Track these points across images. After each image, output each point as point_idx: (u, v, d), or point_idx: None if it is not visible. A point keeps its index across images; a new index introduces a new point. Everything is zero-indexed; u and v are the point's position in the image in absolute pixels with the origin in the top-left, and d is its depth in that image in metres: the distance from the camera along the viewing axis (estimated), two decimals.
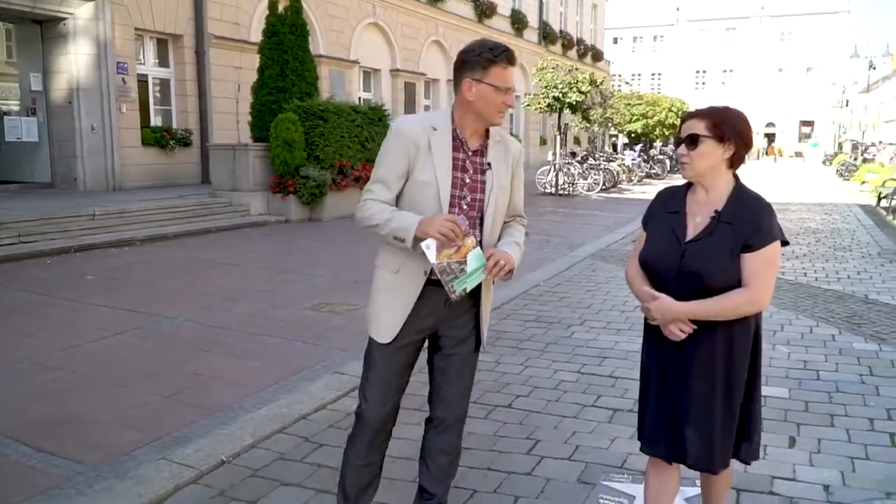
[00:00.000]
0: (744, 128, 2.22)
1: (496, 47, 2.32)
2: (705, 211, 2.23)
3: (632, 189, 21.65)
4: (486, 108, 2.33)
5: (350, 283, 7.34)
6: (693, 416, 2.25)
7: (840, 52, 55.19)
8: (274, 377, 4.55)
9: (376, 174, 2.42)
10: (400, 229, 2.29)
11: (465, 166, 2.40)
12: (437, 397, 2.60)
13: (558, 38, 34.37)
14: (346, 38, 19.98)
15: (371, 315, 2.52)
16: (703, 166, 2.20)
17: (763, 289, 2.15)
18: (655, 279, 2.30)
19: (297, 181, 12.16)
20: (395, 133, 2.39)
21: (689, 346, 2.23)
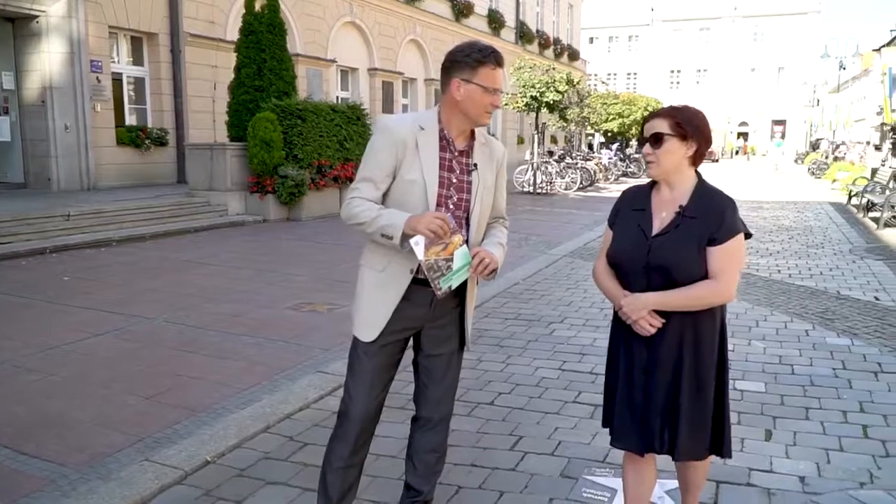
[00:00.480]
0: (704, 126, 2.30)
1: (485, 49, 2.36)
2: (670, 207, 2.30)
3: (609, 188, 21.84)
4: (473, 109, 2.36)
5: (330, 283, 7.34)
6: (661, 407, 2.31)
7: (811, 52, 56.05)
8: (257, 377, 4.55)
9: (363, 172, 2.42)
10: (388, 226, 2.30)
11: (451, 166, 2.43)
12: (423, 397, 2.62)
13: (535, 37, 34.53)
14: (324, 37, 19.91)
15: (355, 313, 2.53)
16: (669, 164, 2.28)
17: (729, 280, 2.21)
18: (624, 275, 2.35)
19: (276, 181, 12.11)
20: (384, 131, 2.41)
21: (656, 340, 2.28)
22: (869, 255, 9.14)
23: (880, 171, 15.11)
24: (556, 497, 3.04)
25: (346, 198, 2.44)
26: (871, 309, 6.31)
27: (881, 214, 12.03)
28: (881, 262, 8.64)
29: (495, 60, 2.35)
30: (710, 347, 2.31)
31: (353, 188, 2.45)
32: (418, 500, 2.65)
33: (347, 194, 2.45)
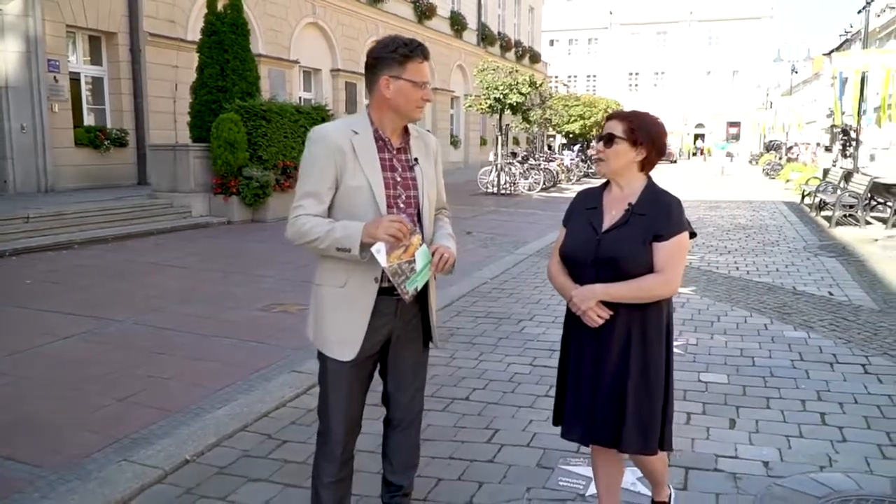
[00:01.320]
0: (658, 135, 2.39)
1: (410, 42, 2.32)
2: (620, 205, 2.39)
3: (571, 188, 22.13)
4: (405, 105, 2.32)
5: (298, 284, 7.33)
6: (608, 399, 2.36)
7: (764, 56, 57.58)
8: (231, 377, 4.55)
9: (304, 187, 2.33)
10: (344, 238, 2.23)
11: (393, 165, 2.39)
12: (393, 399, 2.60)
13: (497, 39, 34.80)
14: (286, 37, 19.80)
15: (322, 336, 2.43)
16: (616, 165, 2.38)
17: (674, 273, 2.30)
18: (574, 269, 2.43)
19: (240, 182, 12.04)
20: (317, 142, 2.32)
21: (605, 333, 2.35)
22: (822, 253, 9.48)
23: (832, 172, 15.63)
24: (533, 486, 3.14)
25: (290, 217, 2.34)
26: (825, 304, 6.57)
27: (833, 213, 12.46)
28: (834, 259, 8.97)
29: (422, 54, 2.33)
30: (658, 340, 2.37)
31: (295, 206, 2.34)
32: (398, 495, 2.69)
33: (290, 213, 2.34)
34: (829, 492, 3.05)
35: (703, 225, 12.48)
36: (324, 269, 2.42)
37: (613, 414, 2.36)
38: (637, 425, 2.36)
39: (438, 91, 28.31)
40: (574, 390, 2.45)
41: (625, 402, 2.34)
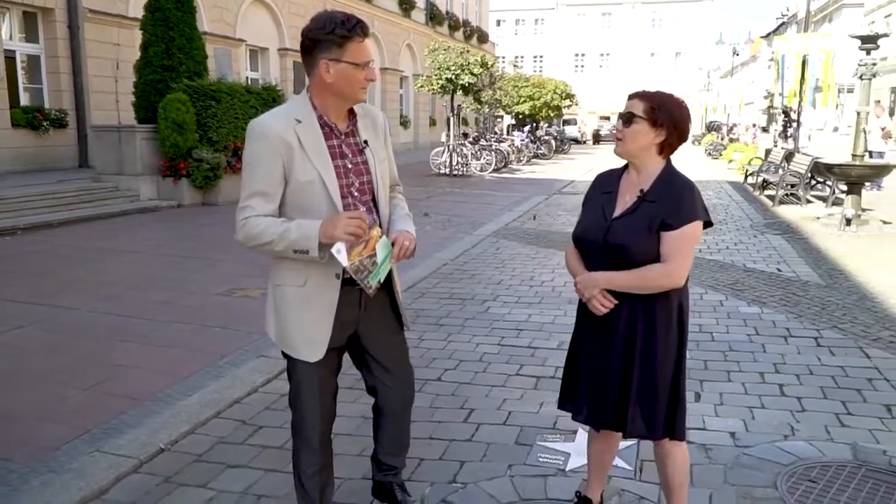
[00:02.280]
0: (681, 118, 2.29)
1: (347, 21, 2.15)
2: (634, 191, 2.33)
3: (522, 169, 22.30)
4: (348, 88, 2.20)
5: (258, 267, 7.21)
6: (615, 386, 2.35)
7: (705, 38, 58.88)
8: (199, 363, 4.48)
9: (251, 187, 2.20)
10: (301, 240, 2.13)
11: (342, 152, 2.28)
12: (383, 389, 2.54)
13: (445, 19, 34.62)
14: (232, 15, 19.28)
15: (286, 337, 2.35)
16: (633, 146, 2.29)
17: (679, 264, 2.23)
18: (583, 255, 2.42)
19: (190, 164, 11.74)
20: (259, 137, 2.18)
21: (612, 321, 2.33)
22: (768, 231, 9.82)
23: (773, 152, 16.13)
24: (514, 463, 3.20)
25: (238, 219, 2.20)
26: (775, 280, 6.82)
27: (776, 192, 12.89)
28: (779, 237, 9.31)
29: (361, 31, 2.17)
30: (665, 330, 2.31)
31: (243, 207, 2.20)
32: (391, 473, 2.71)
33: (238, 214, 2.21)
34: (794, 459, 3.20)
35: None
36: (281, 268, 2.30)
37: (619, 401, 2.35)
38: (642, 411, 2.34)
39: (387, 71, 28.06)
40: (584, 375, 2.45)
41: (629, 390, 2.33)
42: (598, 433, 2.60)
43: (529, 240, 9.22)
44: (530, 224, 10.71)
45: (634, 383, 2.33)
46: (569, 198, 14.52)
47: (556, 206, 12.97)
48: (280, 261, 2.29)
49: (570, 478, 3.08)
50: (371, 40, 2.26)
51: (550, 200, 13.98)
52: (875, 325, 5.29)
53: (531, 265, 7.60)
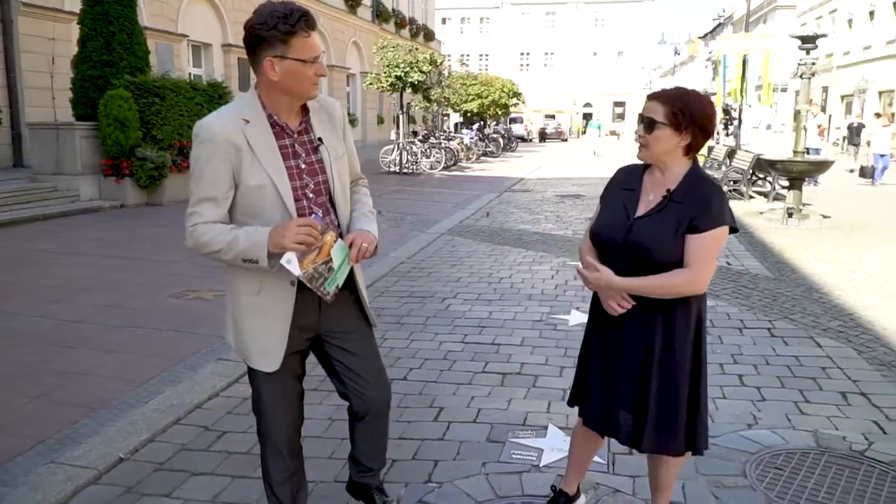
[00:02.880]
0: (705, 117, 2.17)
1: (290, 15, 2.00)
2: (659, 190, 2.23)
3: (471, 167, 22.36)
4: (297, 86, 2.07)
5: (209, 269, 7.02)
6: (629, 394, 2.26)
7: (647, 37, 60.16)
8: (155, 369, 4.33)
9: (198, 192, 2.09)
10: (249, 250, 2.04)
11: (295, 151, 2.16)
12: (356, 394, 2.40)
13: (391, 16, 34.41)
14: (173, 9, 18.74)
15: (242, 345, 2.26)
16: (658, 151, 2.20)
17: (703, 270, 2.14)
18: (602, 252, 2.30)
19: (133, 163, 11.35)
20: (205, 141, 2.07)
21: (628, 324, 2.23)
22: None
23: (716, 149, 16.58)
24: (488, 461, 3.18)
25: (187, 225, 2.10)
26: (725, 273, 6.99)
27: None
28: None
29: (306, 25, 2.02)
30: (683, 338, 2.22)
31: (191, 213, 2.10)
32: (368, 475, 2.64)
33: (186, 221, 2.11)
34: (760, 447, 3.27)
35: None
36: (236, 275, 2.21)
37: (634, 413, 2.26)
38: (657, 426, 2.24)
39: (334, 68, 27.71)
40: (597, 380, 2.36)
41: (646, 403, 2.23)
42: (587, 431, 2.49)
43: (484, 237, 9.24)
44: (484, 221, 10.73)
45: (652, 395, 2.22)
46: (520, 195, 14.63)
47: (508, 204, 13.04)
48: (234, 267, 2.17)
49: (544, 473, 3.07)
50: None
51: (502, 198, 14.05)
52: (824, 316, 5.48)
53: (488, 262, 7.61)
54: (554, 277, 6.87)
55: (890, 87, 32.08)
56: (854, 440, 3.36)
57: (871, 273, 7.01)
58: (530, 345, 4.86)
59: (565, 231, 9.79)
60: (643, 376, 2.24)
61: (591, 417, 2.41)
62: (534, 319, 5.46)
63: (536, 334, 5.09)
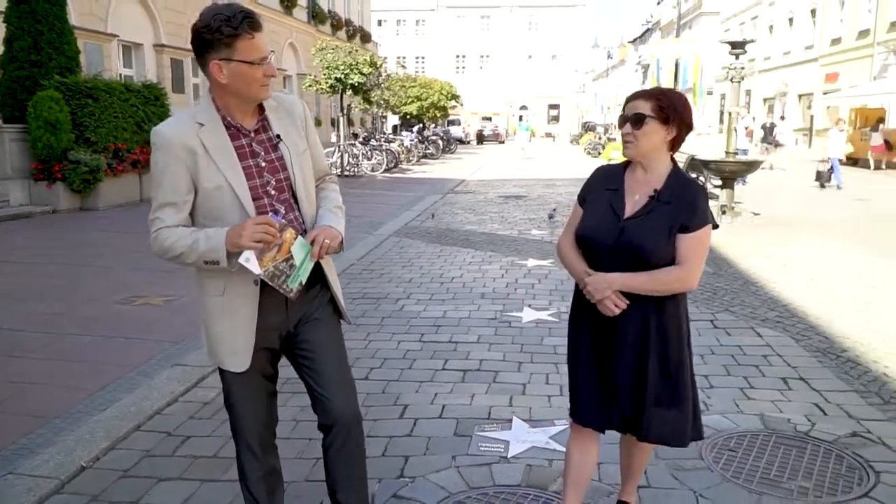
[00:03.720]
0: (687, 112, 2.25)
1: (233, 17, 2.00)
2: (644, 190, 2.26)
3: (412, 169, 22.42)
4: (246, 87, 2.08)
5: (154, 274, 6.88)
6: (628, 387, 2.29)
7: (580, 41, 61.46)
8: (108, 376, 4.23)
9: (158, 198, 2.12)
10: (209, 251, 2.05)
11: (253, 151, 2.16)
12: (319, 397, 2.30)
13: (328, 17, 34.12)
14: (103, 8, 18.12)
15: (210, 346, 2.27)
16: (647, 146, 2.22)
17: (695, 267, 2.21)
18: (591, 254, 2.31)
19: (66, 167, 10.98)
20: (161, 147, 2.09)
21: (622, 321, 2.26)
22: None
23: None
24: (457, 454, 3.25)
25: (151, 230, 2.12)
26: None
27: None
28: None
29: (250, 27, 2.02)
30: (676, 330, 2.29)
31: (153, 219, 2.12)
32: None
33: (150, 226, 2.13)
34: (713, 432, 3.44)
35: (546, 202, 13.22)
36: (202, 278, 2.23)
37: (633, 403, 2.30)
38: (660, 414, 2.28)
39: None
40: (591, 377, 2.36)
41: (644, 391, 2.27)
42: (579, 436, 2.48)
43: (431, 238, 9.32)
44: (430, 223, 10.81)
45: (651, 387, 2.26)
46: (463, 197, 14.78)
47: (453, 205, 13.16)
48: (201, 270, 2.19)
49: (513, 464, 3.16)
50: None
51: (446, 199, 14.16)
52: (762, 307, 5.77)
53: (438, 262, 7.69)
54: (504, 276, 7.00)
55: (809, 90, 33.73)
56: (798, 422, 3.58)
57: (802, 266, 7.41)
58: (487, 342, 4.95)
59: (511, 231, 9.96)
60: (641, 370, 2.27)
61: (587, 415, 2.39)
62: (488, 318, 5.56)
63: (492, 332, 5.19)
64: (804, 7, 34.57)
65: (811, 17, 34.03)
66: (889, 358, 4.51)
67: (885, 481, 2.97)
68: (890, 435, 3.40)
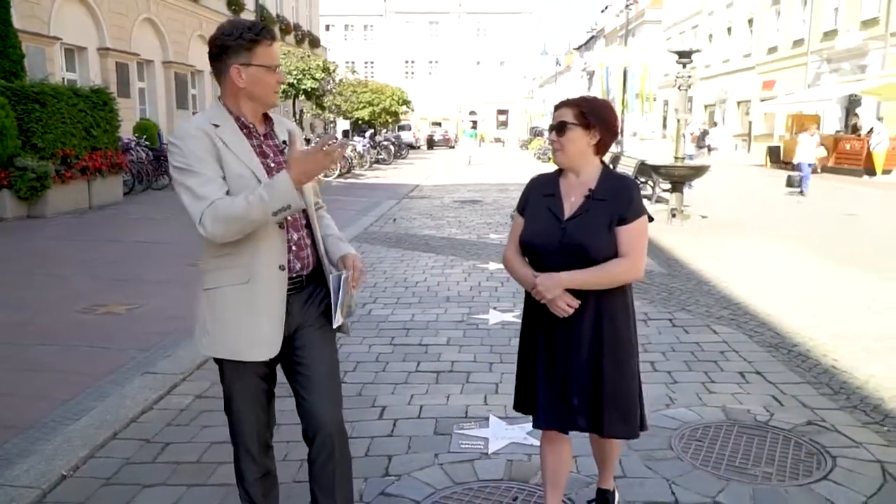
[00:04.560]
0: (609, 117, 2.38)
1: (254, 26, 2.19)
2: (579, 192, 2.37)
3: (366, 174, 22.40)
4: (261, 91, 2.22)
5: (114, 283, 6.77)
6: (584, 386, 2.35)
7: (527, 48, 62.35)
8: (78, 385, 4.18)
9: (196, 182, 2.11)
10: (278, 198, 2.04)
11: (263, 151, 2.27)
12: (304, 401, 2.33)
13: (276, 22, 33.80)
14: (45, 10, 17.62)
15: (228, 342, 2.24)
16: (573, 151, 2.35)
17: (639, 257, 2.33)
18: (537, 258, 2.39)
19: (12, 173, 10.63)
20: (188, 139, 2.16)
21: (575, 320, 2.32)
22: None
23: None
24: (439, 452, 3.35)
25: (198, 212, 2.09)
26: None
27: None
28: None
29: (269, 35, 2.21)
30: (626, 324, 2.39)
31: (200, 198, 2.09)
32: None
33: (195, 211, 2.09)
34: (680, 424, 3.63)
35: (501, 206, 13.43)
36: (217, 270, 2.23)
37: (592, 400, 2.37)
38: (618, 411, 2.37)
39: None
40: (548, 380, 2.42)
41: (602, 387, 2.35)
42: (550, 439, 2.56)
43: (392, 243, 9.38)
44: (389, 227, 10.88)
45: (607, 382, 2.35)
46: (419, 201, 14.87)
47: (410, 210, 13.24)
48: (216, 261, 2.22)
49: (493, 460, 3.28)
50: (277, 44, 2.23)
51: (402, 204, 14.23)
52: (715, 306, 6.03)
53: (402, 267, 7.77)
54: (467, 280, 7.13)
55: (747, 97, 34.99)
56: (757, 412, 3.80)
57: (750, 266, 7.75)
58: (457, 344, 5.06)
59: (470, 235, 10.10)
60: (596, 365, 2.35)
61: (546, 417, 2.44)
62: (455, 320, 5.67)
63: (460, 334, 5.30)
64: (742, 17, 35.85)
65: (748, 27, 35.32)
66: (836, 351, 4.79)
67: (841, 465, 3.19)
68: (842, 423, 3.65)
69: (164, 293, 6.21)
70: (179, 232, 9.76)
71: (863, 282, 7.00)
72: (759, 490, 2.99)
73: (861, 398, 4.00)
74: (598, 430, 2.40)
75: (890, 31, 23.54)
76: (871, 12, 24.67)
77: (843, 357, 4.69)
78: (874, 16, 24.45)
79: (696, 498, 2.95)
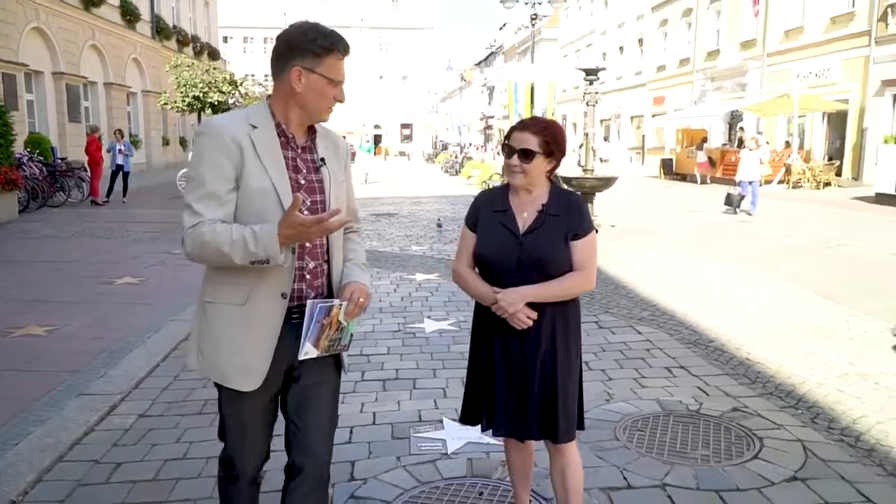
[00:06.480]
0: (564, 144, 2.50)
1: (332, 34, 2.06)
2: (531, 207, 2.47)
3: None
4: (315, 102, 2.07)
5: (28, 303, 6.44)
6: (538, 396, 2.43)
7: (430, 63, 63.10)
8: (10, 410, 3.99)
9: (200, 190, 1.98)
10: (259, 251, 1.91)
11: (297, 165, 2.10)
12: (297, 438, 2.19)
13: (173, 33, 32.82)
14: None
15: (216, 363, 2.10)
16: (535, 175, 2.44)
17: (592, 269, 2.45)
18: (494, 273, 2.45)
19: None
20: (210, 135, 2.02)
21: (532, 332, 2.40)
22: None
23: None
24: (401, 455, 3.45)
25: (187, 225, 1.97)
26: None
27: None
28: None
29: (343, 48, 2.07)
30: (576, 332, 2.52)
31: (192, 213, 1.97)
32: None
33: (186, 221, 1.98)
34: (621, 416, 3.89)
35: (417, 219, 13.60)
36: (217, 284, 2.09)
37: (547, 409, 2.45)
38: (566, 416, 2.47)
39: (113, 86, 25.86)
40: (508, 389, 2.48)
41: (556, 396, 2.43)
42: (515, 444, 2.65)
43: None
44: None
45: (560, 389, 2.44)
46: None
47: None
48: (216, 274, 2.09)
49: (454, 459, 3.41)
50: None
51: None
52: (636, 308, 6.41)
53: None
54: (397, 290, 7.23)
55: (639, 112, 36.87)
56: (688, 402, 4.11)
57: (662, 270, 8.25)
58: (397, 353, 5.16)
59: (391, 248, 10.20)
60: (553, 374, 2.43)
61: (505, 427, 2.51)
62: (392, 330, 5.77)
63: (399, 343, 5.41)
64: (632, 37, 37.81)
65: (639, 46, 37.29)
66: (749, 346, 5.23)
67: (768, 445, 3.53)
68: (763, 408, 4.01)
69: (82, 313, 5.97)
70: (85, 250, 9.36)
71: (764, 281, 7.60)
72: (700, 471, 3.27)
73: (775, 385, 4.40)
74: (552, 436, 2.48)
75: (766, 52, 25.53)
76: (749, 34, 26.66)
77: (755, 350, 5.12)
78: (752, 37, 26.43)
79: (646, 481, 3.19)
